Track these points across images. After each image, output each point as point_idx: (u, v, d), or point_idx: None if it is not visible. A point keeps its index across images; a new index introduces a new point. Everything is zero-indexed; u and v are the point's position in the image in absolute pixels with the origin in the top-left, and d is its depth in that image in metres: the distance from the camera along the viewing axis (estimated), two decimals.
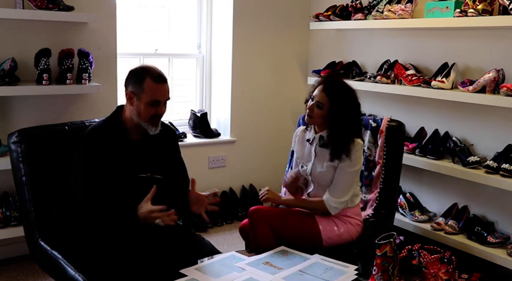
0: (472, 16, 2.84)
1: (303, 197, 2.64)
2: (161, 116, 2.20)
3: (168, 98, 2.21)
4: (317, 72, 3.88)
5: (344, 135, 2.42)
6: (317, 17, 3.89)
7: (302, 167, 2.61)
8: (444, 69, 3.17)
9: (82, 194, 2.11)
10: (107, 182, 2.11)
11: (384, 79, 3.41)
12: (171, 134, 2.41)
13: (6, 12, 2.80)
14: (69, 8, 2.97)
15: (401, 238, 3.13)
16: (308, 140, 2.57)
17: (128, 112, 2.20)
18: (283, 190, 3.23)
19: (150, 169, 2.22)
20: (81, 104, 3.26)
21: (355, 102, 2.47)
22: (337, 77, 2.55)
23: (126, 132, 2.21)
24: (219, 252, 2.32)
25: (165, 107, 2.22)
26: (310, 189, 2.60)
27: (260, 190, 2.60)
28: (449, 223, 3.08)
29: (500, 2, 2.78)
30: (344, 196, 2.46)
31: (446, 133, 3.25)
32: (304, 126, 2.65)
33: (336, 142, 2.43)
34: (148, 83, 2.12)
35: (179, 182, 2.37)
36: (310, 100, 2.47)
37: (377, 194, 2.92)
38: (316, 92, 2.46)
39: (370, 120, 3.07)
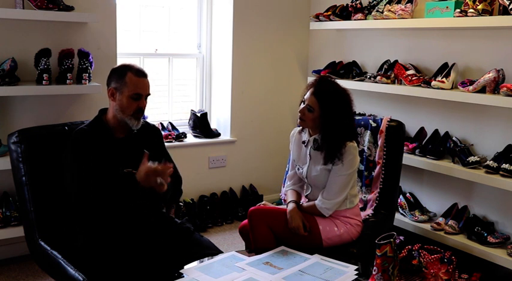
0: (472, 16, 2.84)
1: (302, 199, 2.65)
2: (143, 110, 2.26)
3: (149, 93, 2.28)
4: (317, 72, 3.88)
5: (336, 139, 2.41)
6: (317, 17, 3.89)
7: (298, 169, 2.61)
8: (444, 69, 3.17)
9: (76, 191, 2.12)
10: (95, 178, 2.13)
11: (384, 79, 3.41)
12: (155, 131, 2.46)
13: (6, 12, 2.80)
14: (69, 8, 2.97)
15: (401, 238, 3.13)
16: (303, 142, 2.57)
17: (111, 110, 2.26)
18: (283, 190, 3.24)
19: (135, 165, 2.23)
20: (81, 104, 3.26)
21: (346, 105, 2.45)
22: (328, 80, 2.50)
23: (111, 131, 2.27)
24: (219, 251, 2.32)
25: (146, 102, 2.28)
26: (308, 192, 2.60)
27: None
28: (449, 223, 3.08)
29: (500, 2, 2.78)
30: (337, 198, 2.45)
31: (446, 133, 3.25)
32: (300, 128, 2.64)
33: (328, 145, 2.42)
34: (130, 76, 2.21)
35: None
36: (302, 103, 2.47)
37: (377, 194, 2.92)
38: (307, 95, 2.45)
39: (370, 120, 3.07)
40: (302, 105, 2.46)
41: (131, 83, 2.20)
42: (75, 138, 2.23)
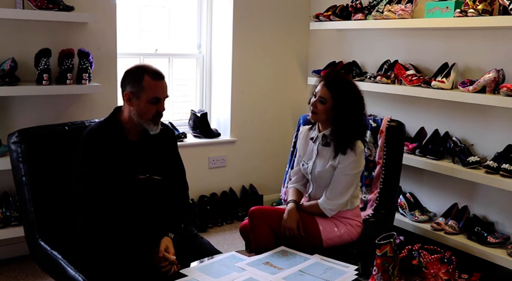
0: (472, 16, 2.84)
1: (303, 199, 2.65)
2: (162, 114, 2.18)
3: (167, 96, 2.20)
4: (317, 72, 3.88)
5: (348, 129, 2.42)
6: (317, 17, 3.89)
7: (303, 165, 2.61)
8: (444, 69, 3.17)
9: (82, 195, 2.11)
10: (107, 183, 2.10)
11: (384, 79, 3.41)
12: (170, 135, 2.38)
13: (6, 12, 2.80)
14: (69, 8, 2.97)
15: (401, 238, 3.13)
16: (312, 139, 2.58)
17: (127, 113, 2.17)
18: (283, 190, 3.24)
19: (148, 170, 2.20)
20: (81, 104, 3.26)
21: (357, 95, 2.48)
22: (339, 72, 2.57)
23: (125, 133, 2.19)
24: (219, 252, 2.32)
25: (164, 104, 2.20)
26: (310, 189, 2.60)
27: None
28: (449, 223, 3.08)
29: (500, 2, 2.78)
30: (341, 199, 2.45)
31: (446, 133, 3.25)
32: (309, 126, 2.65)
33: (340, 136, 2.43)
34: (148, 80, 2.10)
35: (178, 183, 2.35)
36: (313, 97, 2.49)
37: (377, 194, 2.92)
38: (318, 88, 2.48)
39: (370, 120, 3.07)
40: (313, 99, 2.48)
41: (149, 87, 2.10)
42: (86, 139, 2.16)
